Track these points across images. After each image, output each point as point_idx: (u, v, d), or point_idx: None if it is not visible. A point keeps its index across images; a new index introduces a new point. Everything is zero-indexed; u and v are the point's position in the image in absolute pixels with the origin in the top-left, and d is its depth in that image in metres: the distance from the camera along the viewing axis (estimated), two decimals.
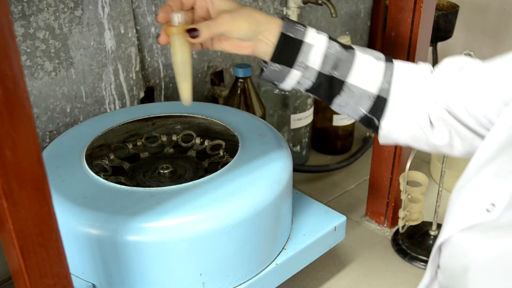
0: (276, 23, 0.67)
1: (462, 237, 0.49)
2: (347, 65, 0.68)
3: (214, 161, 0.86)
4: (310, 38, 0.67)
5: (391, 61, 0.70)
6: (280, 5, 1.24)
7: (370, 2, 1.49)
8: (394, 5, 0.89)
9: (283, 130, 1.18)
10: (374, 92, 0.69)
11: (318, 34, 0.68)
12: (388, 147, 1.00)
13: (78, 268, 0.70)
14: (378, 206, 1.07)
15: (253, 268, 0.75)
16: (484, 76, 0.64)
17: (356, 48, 0.70)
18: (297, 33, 0.67)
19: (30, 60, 0.88)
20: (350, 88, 0.69)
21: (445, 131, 0.68)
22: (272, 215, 0.75)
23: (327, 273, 0.95)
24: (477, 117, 0.65)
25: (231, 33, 0.64)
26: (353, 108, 0.71)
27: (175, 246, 0.67)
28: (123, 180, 0.80)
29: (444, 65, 0.70)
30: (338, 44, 0.69)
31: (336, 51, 0.68)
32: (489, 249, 0.46)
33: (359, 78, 0.68)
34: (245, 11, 0.65)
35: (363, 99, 0.69)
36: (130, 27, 0.99)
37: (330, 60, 0.68)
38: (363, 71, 0.68)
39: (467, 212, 0.50)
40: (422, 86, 0.69)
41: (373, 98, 0.69)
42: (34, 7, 0.86)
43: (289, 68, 0.67)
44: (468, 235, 0.48)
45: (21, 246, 0.41)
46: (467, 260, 0.47)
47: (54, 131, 0.96)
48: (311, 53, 0.67)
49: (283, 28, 0.66)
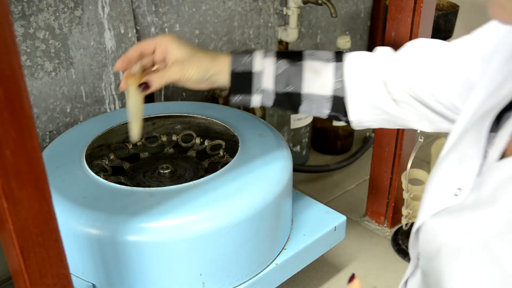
0: (225, 62, 0.73)
1: (433, 221, 0.51)
2: (298, 78, 0.73)
3: (214, 161, 0.86)
4: (258, 66, 0.73)
5: (341, 59, 0.74)
6: (280, 5, 1.24)
7: (370, 2, 1.49)
8: (394, 5, 0.89)
9: (283, 130, 1.18)
10: (329, 94, 0.74)
11: (265, 58, 0.74)
12: (388, 147, 1.00)
13: (78, 268, 0.70)
14: (378, 206, 1.07)
15: (253, 268, 0.75)
16: (442, 59, 0.68)
17: (305, 56, 0.75)
18: (246, 66, 0.73)
19: (30, 60, 0.88)
20: (307, 97, 0.74)
21: (412, 113, 0.73)
22: (272, 215, 0.75)
23: (327, 273, 0.95)
24: (441, 100, 0.69)
25: (181, 81, 0.72)
26: (318, 111, 0.76)
27: (175, 246, 0.67)
28: (123, 180, 0.80)
29: (406, 49, 0.73)
30: (287, 59, 0.74)
31: (285, 69, 0.73)
32: (456, 231, 0.47)
33: (312, 86, 0.74)
34: (195, 60, 0.72)
35: (322, 102, 0.75)
36: (130, 27, 0.99)
37: (281, 80, 0.73)
38: (314, 79, 0.73)
39: (437, 197, 0.52)
40: (378, 74, 0.73)
41: (331, 99, 0.74)
42: (34, 7, 0.86)
43: (249, 95, 0.74)
44: (438, 219, 0.50)
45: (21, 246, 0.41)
46: (439, 243, 0.49)
47: (54, 131, 0.96)
48: (263, 79, 0.73)
49: (232, 66, 0.73)
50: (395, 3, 0.89)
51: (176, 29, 1.07)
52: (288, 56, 0.75)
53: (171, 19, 1.06)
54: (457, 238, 0.47)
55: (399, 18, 0.89)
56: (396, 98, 0.73)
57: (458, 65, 0.67)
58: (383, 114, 0.74)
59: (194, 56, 0.72)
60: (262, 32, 1.24)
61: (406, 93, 0.72)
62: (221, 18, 1.14)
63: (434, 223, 0.51)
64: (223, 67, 0.73)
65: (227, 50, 1.19)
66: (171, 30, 1.06)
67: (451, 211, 0.49)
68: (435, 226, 0.50)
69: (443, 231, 0.49)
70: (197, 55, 0.73)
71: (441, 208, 0.50)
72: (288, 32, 1.24)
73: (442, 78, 0.68)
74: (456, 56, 0.67)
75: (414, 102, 0.72)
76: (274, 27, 1.26)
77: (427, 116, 0.72)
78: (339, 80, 0.73)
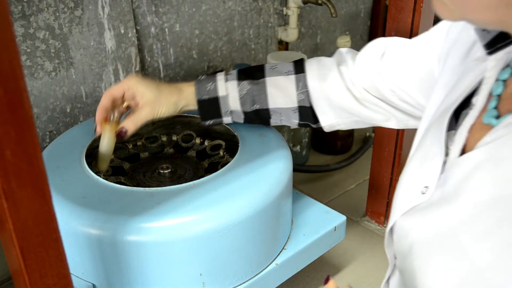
0: (192, 93, 0.77)
1: (404, 220, 0.52)
2: (263, 95, 0.77)
3: (214, 161, 0.86)
4: (222, 91, 0.77)
5: (302, 69, 0.77)
6: (280, 5, 1.24)
7: (370, 2, 1.49)
8: (394, 5, 0.89)
9: (283, 130, 1.18)
10: (295, 106, 0.77)
11: (228, 82, 0.77)
12: (388, 146, 1.00)
13: (78, 268, 0.70)
14: (378, 206, 1.07)
15: (253, 268, 0.75)
16: (402, 58, 0.71)
17: (266, 72, 0.77)
18: (211, 93, 0.77)
19: (30, 60, 0.88)
20: (274, 111, 0.78)
21: (379, 113, 0.75)
22: (272, 215, 0.75)
23: (327, 273, 0.95)
24: (405, 98, 0.71)
25: (155, 119, 0.77)
26: (288, 122, 0.80)
27: (175, 246, 0.67)
28: (123, 180, 0.80)
29: (367, 50, 0.76)
30: (248, 79, 0.77)
31: (248, 89, 0.77)
32: (425, 227, 0.49)
33: (277, 101, 0.77)
34: (163, 98, 0.76)
35: (290, 114, 0.78)
36: (130, 27, 0.99)
37: (247, 100, 0.77)
38: (277, 94, 0.77)
39: (406, 197, 0.53)
40: (341, 79, 0.76)
41: (297, 109, 0.77)
42: (34, 7, 0.86)
43: (220, 118, 0.79)
44: (408, 218, 0.51)
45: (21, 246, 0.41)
46: (410, 241, 0.50)
47: (54, 131, 0.96)
48: (229, 102, 0.77)
49: (197, 96, 0.77)
50: (395, 3, 0.89)
51: (176, 29, 1.07)
52: (249, 75, 0.77)
53: (171, 19, 1.06)
54: (426, 234, 0.48)
55: (399, 18, 0.89)
56: (361, 99, 0.75)
57: (417, 63, 0.68)
58: (351, 117, 0.77)
59: (161, 94, 0.76)
60: (262, 32, 1.24)
61: (370, 94, 0.75)
62: (221, 18, 1.14)
63: (405, 222, 0.52)
64: (190, 98, 0.77)
65: (226, 50, 1.19)
66: (171, 30, 1.06)
67: (419, 209, 0.50)
68: (405, 225, 0.52)
69: (413, 229, 0.50)
70: (164, 92, 0.76)
71: (410, 206, 0.51)
72: (288, 32, 1.24)
73: (402, 76, 0.70)
74: (416, 54, 0.69)
75: (379, 102, 0.74)
76: (274, 27, 1.26)
77: (394, 115, 0.75)
78: (302, 91, 0.76)
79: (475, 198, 0.43)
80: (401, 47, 0.72)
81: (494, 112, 0.46)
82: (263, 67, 0.79)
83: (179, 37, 1.09)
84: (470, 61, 0.54)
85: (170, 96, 0.77)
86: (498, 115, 0.46)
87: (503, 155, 0.42)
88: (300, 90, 0.76)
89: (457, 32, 0.59)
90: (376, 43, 0.75)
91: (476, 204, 0.43)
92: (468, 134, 0.48)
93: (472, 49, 0.55)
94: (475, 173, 0.44)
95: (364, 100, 0.75)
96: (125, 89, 0.76)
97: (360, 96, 0.75)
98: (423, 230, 0.49)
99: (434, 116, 0.56)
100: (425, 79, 0.67)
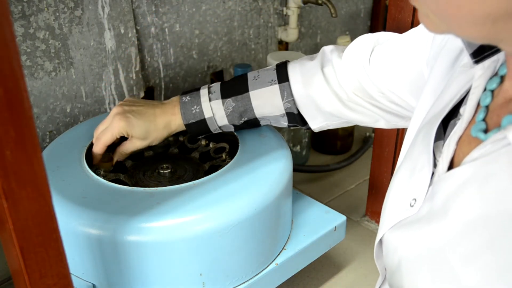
0: (179, 119, 0.78)
1: (392, 234, 0.51)
2: (249, 109, 0.77)
3: (216, 164, 0.86)
4: (207, 112, 0.77)
5: (286, 78, 0.75)
6: (280, 5, 1.24)
7: (370, 2, 1.49)
8: (394, 5, 0.89)
9: (283, 130, 1.18)
10: (282, 112, 0.77)
11: (211, 101, 0.77)
12: (388, 147, 1.00)
13: (78, 268, 0.70)
14: (378, 206, 1.07)
15: (253, 268, 0.75)
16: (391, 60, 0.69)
17: (248, 85, 0.76)
18: (196, 116, 0.77)
19: (30, 60, 0.88)
20: (264, 118, 0.78)
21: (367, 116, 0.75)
22: (272, 215, 0.75)
23: (327, 273, 0.95)
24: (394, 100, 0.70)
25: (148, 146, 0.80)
26: (277, 124, 0.80)
27: (175, 246, 0.67)
28: (123, 178, 0.80)
29: (354, 51, 0.73)
30: (232, 96, 0.76)
31: (233, 107, 0.77)
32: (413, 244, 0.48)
33: (264, 111, 0.77)
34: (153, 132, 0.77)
35: (278, 119, 0.78)
36: (130, 27, 0.99)
37: (234, 115, 0.77)
38: (263, 105, 0.76)
39: (394, 209, 0.52)
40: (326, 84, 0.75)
41: (285, 115, 0.77)
42: (34, 7, 0.86)
43: (211, 133, 0.80)
44: (397, 232, 0.51)
45: (21, 246, 0.41)
46: (398, 256, 0.49)
47: (54, 131, 0.96)
48: (217, 121, 0.78)
49: (184, 120, 0.78)
50: (395, 3, 0.89)
51: (176, 29, 1.07)
52: (232, 91, 0.77)
53: (171, 19, 1.06)
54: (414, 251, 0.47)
55: (399, 18, 0.89)
56: (348, 102, 0.74)
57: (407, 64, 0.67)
58: (340, 119, 0.77)
59: (150, 128, 0.77)
60: (262, 32, 1.24)
61: (358, 96, 0.73)
62: (221, 18, 1.14)
63: (393, 236, 0.51)
64: (178, 121, 0.78)
65: (226, 50, 1.19)
66: (171, 30, 1.06)
67: (407, 223, 0.49)
68: (393, 240, 0.51)
69: (401, 245, 0.49)
70: (152, 126, 0.77)
71: (399, 219, 0.50)
72: (288, 32, 1.24)
73: (392, 78, 0.69)
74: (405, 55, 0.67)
75: (367, 105, 0.73)
76: (274, 27, 1.26)
77: (383, 117, 0.74)
78: (287, 100, 0.75)
79: (463, 217, 0.42)
80: (390, 47, 0.70)
81: (482, 125, 0.45)
82: (246, 79, 0.77)
83: (179, 37, 1.09)
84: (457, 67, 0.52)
85: (160, 128, 0.78)
86: (486, 128, 0.45)
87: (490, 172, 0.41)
88: (285, 99, 0.75)
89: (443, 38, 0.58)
90: (363, 41, 0.73)
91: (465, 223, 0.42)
92: (456, 146, 0.47)
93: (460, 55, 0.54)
94: (463, 190, 0.43)
95: (351, 102, 0.74)
96: (116, 135, 0.77)
97: (347, 99, 0.74)
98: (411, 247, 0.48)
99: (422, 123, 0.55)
100: (415, 80, 0.66)
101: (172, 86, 1.12)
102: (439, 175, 0.47)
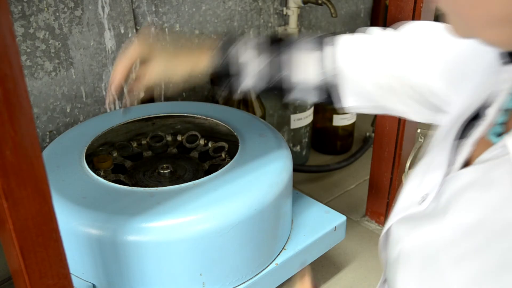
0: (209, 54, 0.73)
1: (398, 227, 0.51)
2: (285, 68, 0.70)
3: (215, 163, 0.86)
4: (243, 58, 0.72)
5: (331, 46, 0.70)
6: (280, 5, 1.24)
7: (370, 2, 1.49)
8: (394, 5, 0.89)
9: (283, 130, 1.18)
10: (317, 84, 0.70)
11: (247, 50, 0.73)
12: (388, 146, 1.00)
13: (78, 268, 0.70)
14: (378, 206, 1.07)
15: (253, 268, 0.75)
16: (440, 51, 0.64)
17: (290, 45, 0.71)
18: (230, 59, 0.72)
19: (30, 60, 0.88)
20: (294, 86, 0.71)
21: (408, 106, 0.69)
22: (272, 215, 0.75)
23: (327, 273, 0.95)
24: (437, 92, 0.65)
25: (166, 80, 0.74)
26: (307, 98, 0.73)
27: (175, 246, 0.67)
28: (122, 178, 0.80)
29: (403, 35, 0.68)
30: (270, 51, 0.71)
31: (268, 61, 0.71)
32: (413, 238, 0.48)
33: (299, 77, 0.70)
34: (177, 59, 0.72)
35: (310, 91, 0.71)
36: (130, 27, 0.99)
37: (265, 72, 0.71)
38: (300, 69, 0.70)
39: (406, 202, 0.52)
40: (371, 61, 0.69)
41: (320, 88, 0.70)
42: (34, 7, 0.86)
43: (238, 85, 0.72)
44: (402, 225, 0.51)
45: (21, 246, 0.41)
46: (398, 248, 0.49)
47: (54, 131, 0.96)
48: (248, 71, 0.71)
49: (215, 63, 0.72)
50: (395, 3, 0.89)
51: (176, 29, 1.07)
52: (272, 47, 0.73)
53: (171, 19, 1.06)
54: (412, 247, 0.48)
55: (399, 18, 0.89)
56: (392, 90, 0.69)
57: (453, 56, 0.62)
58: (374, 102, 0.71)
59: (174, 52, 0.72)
60: (262, 32, 1.24)
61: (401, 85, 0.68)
62: (221, 18, 1.14)
63: (399, 229, 0.51)
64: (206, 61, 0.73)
65: None
66: (171, 30, 1.06)
67: (413, 218, 0.49)
68: (398, 232, 0.51)
69: (403, 238, 0.50)
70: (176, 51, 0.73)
71: (407, 213, 0.51)
72: (288, 32, 1.24)
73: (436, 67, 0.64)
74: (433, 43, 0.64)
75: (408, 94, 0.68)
76: (274, 27, 1.26)
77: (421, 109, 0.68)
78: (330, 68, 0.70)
79: (460, 219, 0.42)
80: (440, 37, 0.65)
81: (498, 129, 0.44)
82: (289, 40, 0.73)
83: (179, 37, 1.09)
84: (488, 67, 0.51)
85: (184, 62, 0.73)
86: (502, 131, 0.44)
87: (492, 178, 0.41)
88: (325, 68, 0.70)
89: None
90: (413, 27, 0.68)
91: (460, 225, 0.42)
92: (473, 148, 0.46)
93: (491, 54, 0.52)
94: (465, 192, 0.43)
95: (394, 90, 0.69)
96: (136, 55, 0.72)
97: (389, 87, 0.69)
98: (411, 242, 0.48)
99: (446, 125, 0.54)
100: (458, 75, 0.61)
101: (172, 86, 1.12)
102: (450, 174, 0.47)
